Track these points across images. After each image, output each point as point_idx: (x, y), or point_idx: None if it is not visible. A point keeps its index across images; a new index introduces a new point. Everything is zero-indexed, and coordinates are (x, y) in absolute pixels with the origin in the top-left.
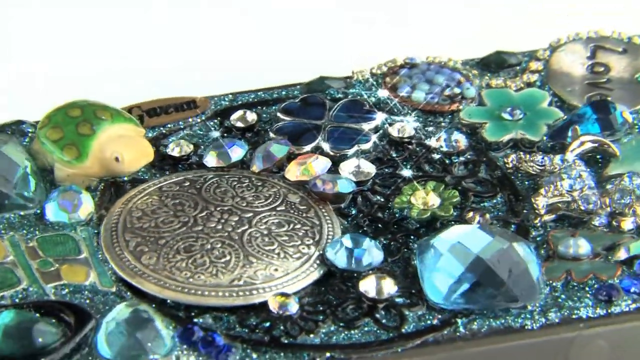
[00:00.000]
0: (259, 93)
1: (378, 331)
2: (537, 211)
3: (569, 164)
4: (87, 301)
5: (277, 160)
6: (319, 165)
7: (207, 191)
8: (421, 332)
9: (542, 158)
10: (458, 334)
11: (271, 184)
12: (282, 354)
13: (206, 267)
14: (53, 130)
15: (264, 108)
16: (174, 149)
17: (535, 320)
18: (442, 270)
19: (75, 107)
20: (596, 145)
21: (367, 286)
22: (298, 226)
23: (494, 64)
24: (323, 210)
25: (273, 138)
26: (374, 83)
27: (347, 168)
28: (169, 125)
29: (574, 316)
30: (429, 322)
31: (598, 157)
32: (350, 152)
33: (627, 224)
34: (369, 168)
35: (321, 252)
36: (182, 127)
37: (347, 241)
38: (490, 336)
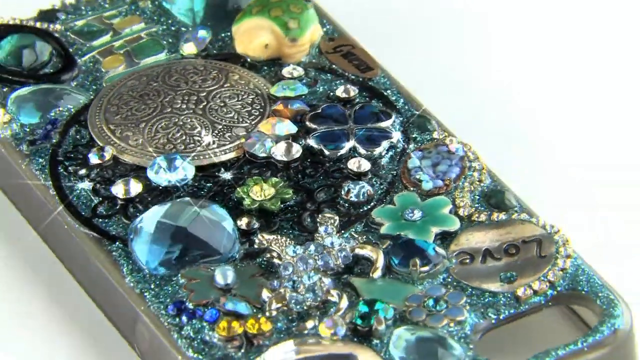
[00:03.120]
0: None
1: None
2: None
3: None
4: (89, 78)
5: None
6: (280, 128)
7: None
8: (101, 231)
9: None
10: (113, 254)
11: (254, 117)
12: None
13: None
14: None
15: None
16: (290, 72)
17: (140, 290)
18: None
19: None
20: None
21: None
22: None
23: (488, 197)
24: (232, 149)
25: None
26: None
27: (281, 146)
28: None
29: (156, 311)
30: (125, 235)
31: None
32: (318, 148)
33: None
34: (293, 155)
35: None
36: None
37: (162, 161)
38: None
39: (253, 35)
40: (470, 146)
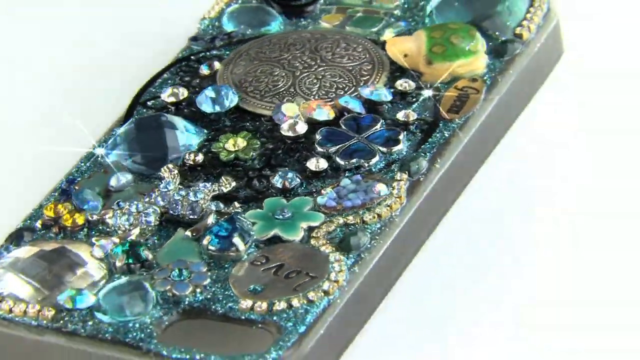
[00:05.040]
0: None
1: None
2: None
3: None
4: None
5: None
6: (311, 111)
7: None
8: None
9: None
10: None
11: (324, 98)
12: None
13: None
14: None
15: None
16: (402, 84)
17: (78, 161)
18: None
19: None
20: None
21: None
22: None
23: (345, 235)
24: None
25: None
26: None
27: (292, 123)
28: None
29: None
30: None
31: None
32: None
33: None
34: (299, 131)
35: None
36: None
37: (210, 92)
38: None
39: (401, 41)
40: (401, 198)
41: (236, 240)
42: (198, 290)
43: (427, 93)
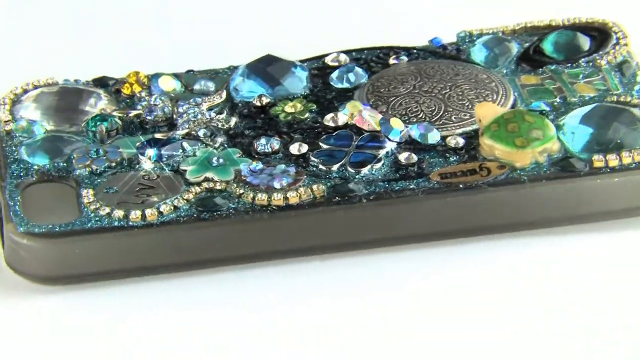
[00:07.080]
0: None
1: None
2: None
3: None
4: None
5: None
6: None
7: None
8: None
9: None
10: None
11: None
12: None
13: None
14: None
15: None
16: (453, 141)
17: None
18: None
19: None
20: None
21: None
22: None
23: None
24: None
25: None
26: None
27: (335, 115)
28: None
29: None
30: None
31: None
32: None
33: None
34: (340, 121)
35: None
36: None
37: (343, 69)
38: None
39: (486, 107)
40: (289, 199)
41: (147, 152)
42: (90, 169)
43: (465, 157)
